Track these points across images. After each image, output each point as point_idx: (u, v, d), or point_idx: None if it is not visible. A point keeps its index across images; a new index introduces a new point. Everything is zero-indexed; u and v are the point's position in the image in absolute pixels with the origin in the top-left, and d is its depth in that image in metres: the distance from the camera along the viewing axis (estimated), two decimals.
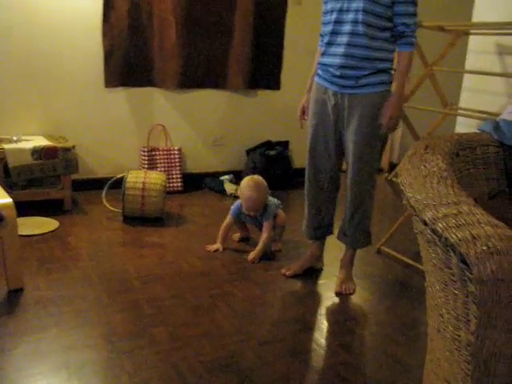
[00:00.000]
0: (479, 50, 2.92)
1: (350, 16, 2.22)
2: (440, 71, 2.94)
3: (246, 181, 2.96)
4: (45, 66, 3.62)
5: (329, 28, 2.32)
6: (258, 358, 1.96)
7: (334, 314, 2.39)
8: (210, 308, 2.32)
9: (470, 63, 2.99)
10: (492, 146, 1.57)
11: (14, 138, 3.38)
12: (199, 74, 4.09)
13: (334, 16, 2.29)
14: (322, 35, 2.44)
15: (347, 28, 2.24)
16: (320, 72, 2.43)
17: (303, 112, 2.59)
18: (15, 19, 3.45)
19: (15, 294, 2.32)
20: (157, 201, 3.31)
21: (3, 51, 3.47)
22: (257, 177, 3.01)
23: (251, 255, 2.86)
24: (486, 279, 0.89)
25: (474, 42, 2.97)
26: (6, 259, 2.33)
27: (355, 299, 2.51)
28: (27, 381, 1.76)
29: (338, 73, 2.30)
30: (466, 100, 3.02)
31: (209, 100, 4.23)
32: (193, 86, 4.11)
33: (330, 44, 2.33)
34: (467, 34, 2.94)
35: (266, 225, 2.93)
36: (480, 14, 2.88)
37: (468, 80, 3.02)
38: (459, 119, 3.08)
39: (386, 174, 3.16)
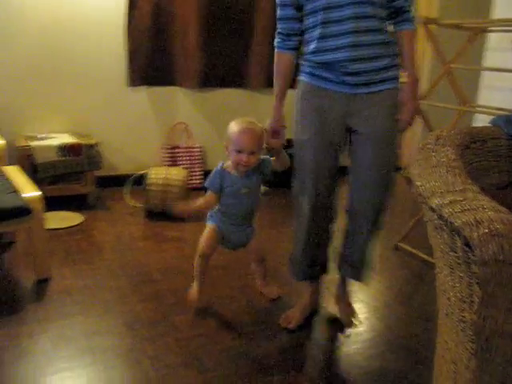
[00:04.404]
0: (497, 47, 2.94)
1: None
2: (457, 69, 2.96)
3: (237, 120, 2.13)
4: (70, 66, 3.73)
5: (316, 18, 1.84)
6: (274, 346, 2.02)
7: None
8: (228, 299, 2.39)
9: (487, 60, 3.01)
10: (503, 139, 1.60)
11: (42, 136, 3.49)
12: (220, 73, 4.16)
13: (322, 1, 1.80)
14: (282, 33, 2.00)
15: (348, 12, 1.77)
16: (313, 71, 1.93)
17: (275, 133, 2.04)
18: (41, 20, 3.57)
19: (43, 284, 2.43)
20: (178, 196, 3.39)
21: (31, 53, 3.59)
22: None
23: None
24: (488, 260, 0.94)
25: (492, 39, 2.98)
26: (34, 251, 2.44)
27: (372, 293, 2.55)
28: (54, 363, 1.85)
29: (349, 69, 1.82)
30: (484, 97, 3.03)
31: (230, 99, 4.30)
32: (214, 85, 4.18)
33: (323, 38, 1.84)
34: (485, 31, 2.95)
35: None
36: (498, 11, 2.90)
37: (486, 77, 3.03)
38: (477, 117, 3.10)
39: (402, 171, 3.19)
